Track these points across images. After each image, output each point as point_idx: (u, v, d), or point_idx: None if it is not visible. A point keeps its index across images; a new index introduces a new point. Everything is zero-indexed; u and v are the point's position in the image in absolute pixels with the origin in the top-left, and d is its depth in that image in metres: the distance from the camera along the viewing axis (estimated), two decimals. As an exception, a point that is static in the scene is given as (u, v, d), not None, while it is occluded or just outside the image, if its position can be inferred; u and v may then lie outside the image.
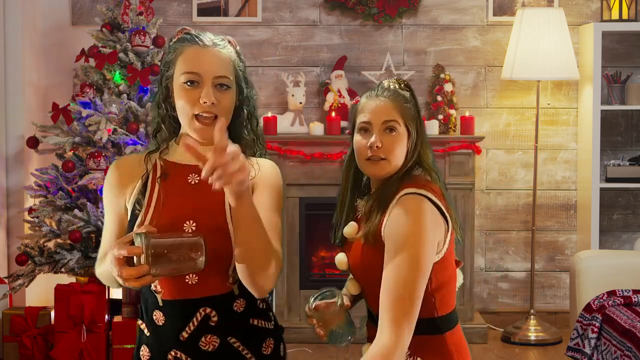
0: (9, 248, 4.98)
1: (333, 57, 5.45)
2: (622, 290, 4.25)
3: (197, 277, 2.12)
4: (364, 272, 2.24)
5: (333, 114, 5.27)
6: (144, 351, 2.23)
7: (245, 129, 2.25)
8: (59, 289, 4.54)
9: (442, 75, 5.37)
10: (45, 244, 4.59)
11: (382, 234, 2.17)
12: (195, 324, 2.15)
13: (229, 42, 2.25)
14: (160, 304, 2.19)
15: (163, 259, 1.99)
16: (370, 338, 2.28)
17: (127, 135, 4.60)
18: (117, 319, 4.58)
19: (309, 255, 5.45)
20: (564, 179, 5.54)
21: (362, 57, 5.48)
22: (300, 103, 5.32)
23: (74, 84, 5.30)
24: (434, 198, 2.18)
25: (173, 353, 2.17)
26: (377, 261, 2.17)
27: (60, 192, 4.57)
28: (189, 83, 2.15)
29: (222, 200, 2.13)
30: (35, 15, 5.27)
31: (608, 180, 5.28)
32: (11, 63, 5.01)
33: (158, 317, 2.20)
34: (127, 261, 2.02)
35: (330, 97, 5.33)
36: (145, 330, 2.24)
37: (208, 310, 2.15)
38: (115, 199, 2.22)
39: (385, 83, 2.31)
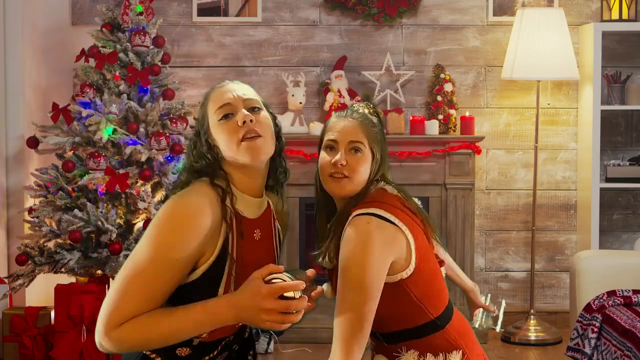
0: (9, 248, 4.98)
1: (333, 57, 5.45)
2: (622, 290, 4.25)
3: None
4: None
5: (333, 114, 5.26)
6: None
7: (281, 162, 2.32)
8: (59, 289, 4.54)
9: (442, 75, 5.37)
10: (45, 244, 4.59)
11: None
12: (219, 349, 2.26)
13: None
14: (195, 343, 2.18)
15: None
16: (377, 349, 2.38)
17: (127, 135, 4.60)
18: (117, 319, 4.58)
19: (309, 255, 5.45)
20: (564, 179, 5.54)
21: (362, 57, 5.48)
22: (300, 103, 5.32)
23: (74, 84, 5.30)
24: (384, 214, 2.22)
25: None
26: None
27: (60, 192, 4.57)
28: (224, 118, 2.18)
29: (273, 248, 2.27)
30: (35, 15, 5.27)
31: (608, 180, 5.28)
32: (11, 63, 5.01)
33: (183, 351, 2.19)
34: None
35: (330, 97, 5.33)
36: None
37: (233, 335, 2.27)
38: (195, 253, 2.07)
39: (356, 106, 2.40)
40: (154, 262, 2.00)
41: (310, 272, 2.17)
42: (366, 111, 2.38)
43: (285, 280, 1.97)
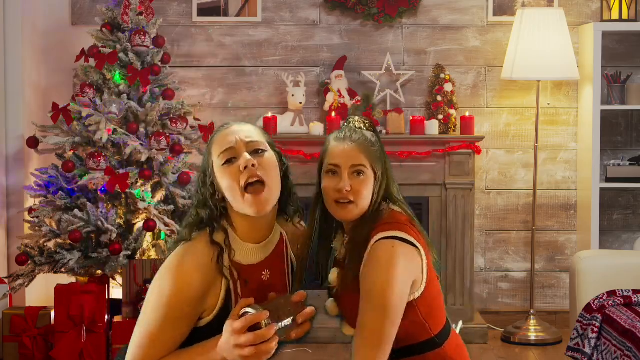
0: (9, 248, 4.97)
1: (333, 57, 5.45)
2: (622, 290, 4.24)
3: None
4: (354, 316, 2.31)
5: (333, 114, 5.27)
6: None
7: (291, 199, 2.32)
8: (59, 289, 4.53)
9: (442, 75, 5.37)
10: (45, 244, 4.59)
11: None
12: None
13: None
14: None
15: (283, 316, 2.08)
16: None
17: (127, 135, 4.60)
18: (117, 319, 4.58)
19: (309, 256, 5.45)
20: (564, 179, 5.54)
21: (362, 57, 5.48)
22: (300, 103, 5.32)
23: (74, 84, 5.30)
24: (405, 236, 2.26)
25: None
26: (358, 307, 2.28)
27: (60, 192, 4.57)
28: (227, 162, 2.18)
29: (285, 281, 2.30)
30: (35, 15, 5.27)
31: (608, 180, 5.28)
32: (11, 63, 5.01)
33: None
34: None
35: (330, 97, 5.33)
36: None
37: None
38: (193, 312, 2.17)
39: (352, 124, 2.38)
40: (160, 321, 2.15)
41: (298, 295, 2.18)
42: (362, 127, 2.38)
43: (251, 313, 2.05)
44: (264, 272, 2.24)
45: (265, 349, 2.03)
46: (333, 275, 2.37)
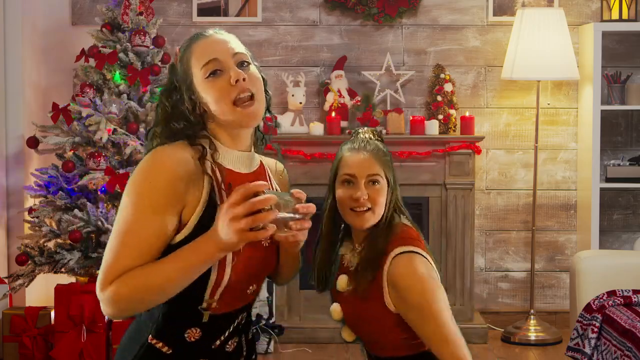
0: (9, 248, 4.97)
1: (333, 57, 5.45)
2: (622, 290, 4.24)
3: (256, 286, 2.12)
4: (358, 323, 2.37)
5: (333, 114, 5.27)
6: None
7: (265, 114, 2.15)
8: (59, 289, 4.53)
9: (442, 75, 5.37)
10: (45, 244, 4.59)
11: (384, 295, 2.30)
12: (231, 330, 2.11)
13: None
14: (205, 320, 2.05)
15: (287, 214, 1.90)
16: None
17: (127, 135, 4.60)
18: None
19: (309, 256, 5.45)
20: (564, 179, 5.54)
21: (362, 57, 5.48)
22: (300, 103, 5.32)
23: (74, 84, 5.30)
24: (421, 251, 2.34)
25: None
26: (369, 313, 2.33)
27: (60, 192, 4.57)
28: (211, 75, 2.03)
29: None
30: (35, 15, 5.27)
31: (608, 180, 5.28)
32: (11, 63, 5.01)
33: (192, 334, 2.05)
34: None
35: (330, 97, 5.33)
36: (165, 349, 2.04)
37: (245, 314, 2.15)
38: (172, 205, 1.95)
39: (362, 134, 2.47)
40: (137, 214, 1.93)
41: (297, 192, 1.97)
42: (372, 138, 2.45)
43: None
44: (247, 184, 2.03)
45: (263, 217, 1.82)
46: (342, 281, 2.41)
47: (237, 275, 2.01)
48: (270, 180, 2.20)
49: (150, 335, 2.05)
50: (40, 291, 5.03)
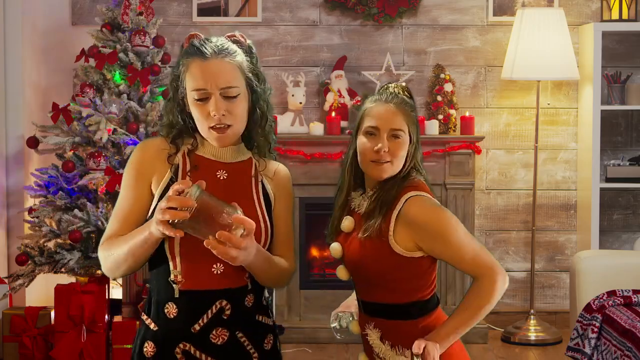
0: (9, 248, 4.97)
1: (333, 57, 5.45)
2: (622, 290, 4.24)
3: (222, 267, 2.18)
4: (359, 262, 2.40)
5: (333, 114, 5.27)
6: (149, 347, 2.23)
7: (257, 129, 2.31)
8: (59, 289, 4.53)
9: (442, 75, 5.37)
10: (45, 244, 4.59)
11: (390, 235, 2.34)
12: (209, 316, 2.20)
13: (237, 41, 2.28)
14: (177, 295, 2.20)
15: (206, 215, 2.05)
16: (361, 326, 2.47)
17: (127, 135, 4.60)
18: (117, 319, 4.58)
19: (309, 255, 5.45)
20: (564, 179, 5.54)
21: (362, 57, 5.48)
22: (300, 103, 5.32)
23: (74, 84, 5.30)
24: (433, 199, 2.40)
25: (182, 346, 2.20)
26: (374, 253, 2.36)
27: (60, 192, 4.57)
28: (199, 101, 2.21)
29: (251, 196, 2.26)
30: (35, 15, 5.27)
31: (608, 180, 5.28)
32: (11, 63, 5.01)
33: (170, 310, 2.22)
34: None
35: (330, 97, 5.33)
36: (152, 325, 2.23)
37: (224, 303, 2.21)
38: (138, 180, 2.25)
39: (391, 88, 2.46)
40: (121, 191, 2.28)
41: (234, 204, 2.15)
42: (400, 93, 2.45)
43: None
44: (219, 171, 2.26)
45: (173, 214, 2.03)
46: (348, 221, 2.44)
47: (187, 247, 2.17)
48: (255, 174, 2.31)
49: (143, 312, 2.28)
50: (40, 291, 5.03)
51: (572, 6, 5.43)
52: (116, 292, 4.75)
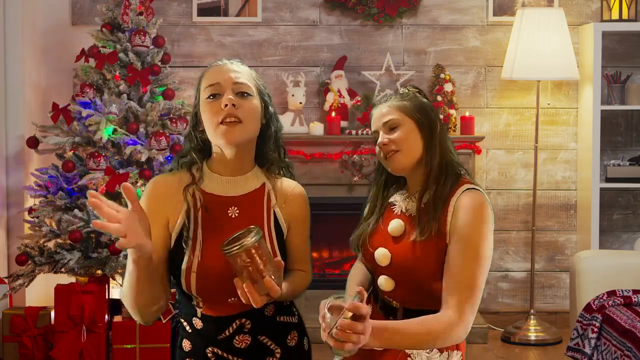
0: (9, 248, 4.97)
1: (333, 57, 5.45)
2: (622, 290, 4.25)
3: (236, 299, 2.20)
4: (410, 267, 2.31)
5: (333, 114, 5.27)
6: (186, 343, 2.34)
7: (270, 144, 2.34)
8: (59, 289, 4.53)
9: (442, 75, 5.37)
10: (45, 244, 4.59)
11: (447, 230, 2.30)
12: (231, 331, 2.30)
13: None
14: (199, 315, 2.30)
15: (252, 261, 2.07)
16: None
17: (127, 135, 4.60)
18: (117, 319, 4.58)
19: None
20: (564, 179, 5.54)
21: (362, 57, 5.48)
22: (300, 103, 5.32)
23: (74, 84, 5.30)
24: (487, 200, 2.35)
25: (211, 349, 2.30)
26: (429, 254, 2.29)
27: (60, 192, 4.57)
28: (211, 97, 2.24)
29: (262, 224, 2.28)
30: (35, 15, 5.27)
31: (608, 180, 5.28)
32: (11, 63, 5.01)
33: (197, 323, 2.32)
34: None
35: (330, 97, 5.33)
36: (187, 327, 2.34)
37: (244, 320, 2.29)
38: (152, 217, 2.22)
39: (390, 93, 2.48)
40: None
41: (278, 261, 2.18)
42: (399, 89, 2.48)
43: None
44: (230, 208, 2.27)
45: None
46: (398, 224, 2.37)
47: (202, 281, 2.22)
48: (267, 203, 2.31)
49: (181, 314, 2.38)
50: (40, 291, 5.03)
51: (572, 6, 5.43)
52: (116, 292, 4.75)
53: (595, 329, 4.11)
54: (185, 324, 2.34)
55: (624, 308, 4.12)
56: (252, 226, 2.11)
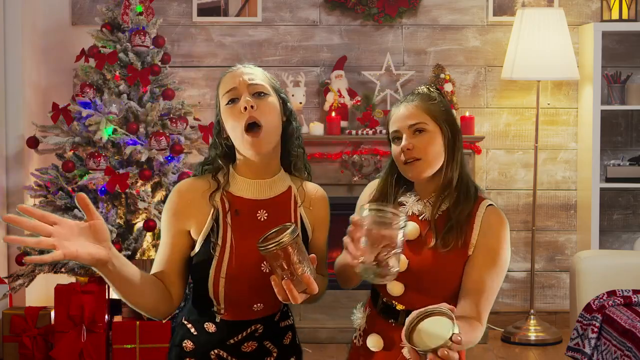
0: (9, 248, 4.97)
1: (333, 57, 5.45)
2: (622, 290, 4.25)
3: (262, 306, 2.27)
4: (427, 273, 2.29)
5: (333, 114, 5.27)
6: (188, 343, 2.34)
7: (294, 141, 2.36)
8: (59, 289, 4.54)
9: (442, 75, 5.37)
10: (45, 244, 4.58)
11: (472, 239, 2.31)
12: (243, 335, 2.31)
13: None
14: (217, 320, 2.30)
15: (288, 258, 2.06)
16: (375, 325, 2.37)
17: (127, 135, 4.60)
18: (117, 319, 4.58)
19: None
20: (564, 179, 5.54)
21: (362, 57, 5.48)
22: (300, 103, 5.32)
23: (74, 84, 5.30)
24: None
25: (216, 351, 2.31)
26: (452, 265, 2.30)
27: (60, 192, 4.57)
28: (230, 102, 2.26)
29: None
30: (35, 15, 5.27)
31: (608, 180, 5.28)
32: (11, 63, 5.01)
33: (209, 327, 2.32)
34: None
35: (330, 97, 5.33)
36: (193, 330, 2.34)
37: (258, 325, 2.31)
38: (175, 226, 2.27)
39: (415, 90, 2.38)
40: (161, 234, 2.32)
41: (313, 257, 2.15)
42: (424, 90, 2.36)
43: None
44: (259, 212, 2.27)
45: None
46: (412, 227, 2.31)
47: (230, 290, 2.23)
48: (293, 206, 2.32)
49: (184, 317, 2.37)
50: (40, 291, 5.03)
51: (572, 6, 5.43)
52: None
53: (595, 329, 4.11)
54: (189, 326, 2.34)
55: (624, 308, 4.12)
56: (288, 223, 2.11)
